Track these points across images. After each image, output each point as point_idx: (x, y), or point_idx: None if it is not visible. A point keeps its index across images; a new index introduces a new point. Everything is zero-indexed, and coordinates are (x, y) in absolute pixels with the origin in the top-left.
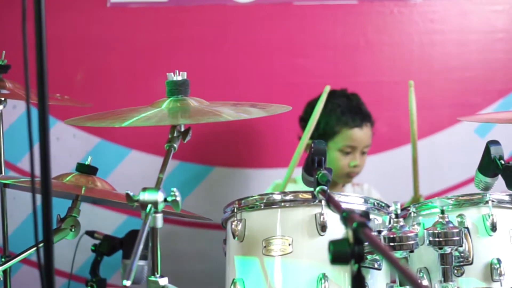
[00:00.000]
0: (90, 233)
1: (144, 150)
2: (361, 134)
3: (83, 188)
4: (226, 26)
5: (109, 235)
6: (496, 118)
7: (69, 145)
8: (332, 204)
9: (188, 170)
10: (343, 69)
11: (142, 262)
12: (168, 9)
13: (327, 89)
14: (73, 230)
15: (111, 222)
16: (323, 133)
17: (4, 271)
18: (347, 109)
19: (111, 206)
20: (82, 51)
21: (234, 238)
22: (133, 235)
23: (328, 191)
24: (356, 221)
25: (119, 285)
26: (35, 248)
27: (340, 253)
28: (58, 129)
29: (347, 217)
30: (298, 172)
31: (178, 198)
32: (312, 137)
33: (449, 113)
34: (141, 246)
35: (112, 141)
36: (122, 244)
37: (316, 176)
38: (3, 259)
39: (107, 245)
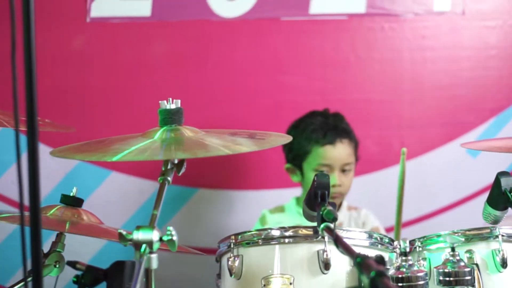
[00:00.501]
0: (72, 264)
1: (125, 171)
2: (334, 151)
3: (67, 224)
4: (211, 42)
5: (92, 266)
6: (497, 147)
7: (47, 166)
8: (341, 245)
9: (171, 192)
10: (332, 87)
11: None
12: (151, 25)
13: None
14: (57, 266)
15: (91, 248)
16: (296, 154)
17: None
18: (319, 126)
19: None
20: (62, 68)
21: (231, 275)
22: (117, 266)
23: (335, 229)
24: (374, 270)
25: None
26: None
27: None
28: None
29: (362, 263)
30: (286, 199)
31: (175, 238)
32: (287, 159)
33: (440, 132)
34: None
35: (92, 162)
36: (106, 276)
37: (321, 213)
38: None
39: (90, 277)
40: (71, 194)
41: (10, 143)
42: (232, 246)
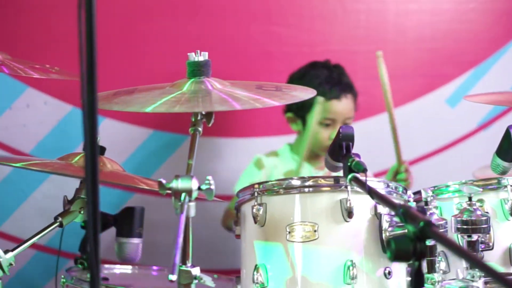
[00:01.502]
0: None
1: (117, 118)
2: (339, 106)
3: None
4: None
5: (101, 211)
6: (506, 101)
7: (40, 112)
8: (377, 196)
9: (161, 138)
10: (319, 38)
11: (136, 240)
12: None
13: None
14: (82, 212)
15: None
16: (301, 105)
17: None
18: (325, 80)
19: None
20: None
21: (255, 223)
22: (127, 212)
23: (364, 179)
24: (422, 220)
25: (111, 259)
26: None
27: (403, 251)
28: (28, 96)
29: (406, 213)
30: (274, 147)
31: (213, 187)
32: (289, 110)
33: (421, 83)
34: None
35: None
36: (116, 222)
37: (349, 164)
38: None
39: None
40: None
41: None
42: (255, 194)
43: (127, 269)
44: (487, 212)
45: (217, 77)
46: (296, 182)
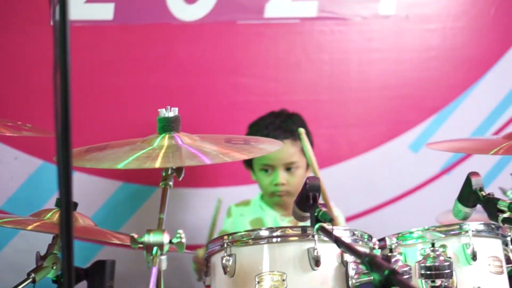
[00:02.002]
0: None
1: (86, 172)
2: (275, 152)
3: None
4: (172, 44)
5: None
6: (467, 148)
7: (11, 167)
8: (343, 245)
9: (131, 190)
10: (284, 87)
11: None
12: (113, 28)
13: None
14: (54, 267)
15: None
16: None
17: None
18: (264, 127)
19: None
20: (27, 71)
21: (225, 273)
22: (98, 266)
23: (330, 229)
24: (387, 268)
25: None
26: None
27: None
28: None
29: (372, 262)
30: (241, 196)
31: (183, 240)
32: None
33: (385, 130)
34: None
35: (54, 163)
36: (87, 275)
37: (316, 214)
38: None
39: None
40: None
41: None
42: (225, 245)
43: None
44: (449, 257)
45: (188, 130)
46: (264, 233)
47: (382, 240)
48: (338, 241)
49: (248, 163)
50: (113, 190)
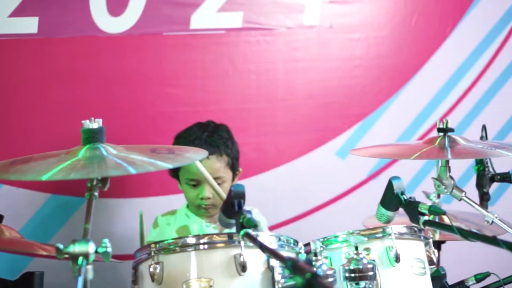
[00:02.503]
0: None
1: (14, 185)
2: (201, 167)
3: None
4: (98, 57)
5: (0, 277)
6: (388, 153)
7: None
8: (267, 250)
9: (59, 202)
10: (212, 97)
11: None
12: (38, 41)
13: (140, 212)
14: None
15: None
16: (174, 168)
17: None
18: (189, 141)
19: None
20: None
21: (152, 281)
22: (27, 278)
23: (255, 235)
24: (308, 271)
25: None
26: None
27: None
28: None
29: (294, 266)
30: (178, 203)
31: (109, 249)
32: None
33: (312, 137)
34: None
35: None
36: (16, 287)
37: (241, 220)
38: None
39: None
40: None
41: None
42: (152, 253)
43: None
44: (373, 260)
45: (115, 142)
46: (191, 240)
47: (307, 245)
48: (262, 247)
49: (174, 175)
50: (41, 202)
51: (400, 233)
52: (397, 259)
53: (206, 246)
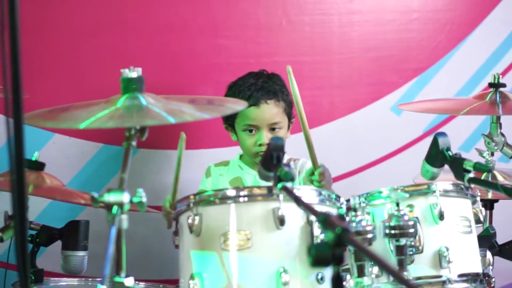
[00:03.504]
0: None
1: (67, 134)
2: (258, 112)
3: (31, 187)
4: (150, 7)
5: (46, 225)
6: (437, 109)
7: None
8: (302, 204)
9: (112, 152)
10: (265, 49)
11: (82, 253)
12: None
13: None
14: None
15: (35, 207)
16: (228, 115)
17: None
18: (246, 87)
19: None
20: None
21: (190, 232)
22: (72, 226)
23: (293, 189)
24: (339, 226)
25: (57, 272)
26: None
27: (322, 257)
28: None
29: (326, 220)
30: (226, 157)
31: (144, 199)
32: (223, 120)
33: (367, 92)
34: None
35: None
36: (61, 235)
37: (278, 174)
38: None
39: (45, 236)
40: (33, 159)
41: None
42: (191, 205)
43: (73, 281)
44: (415, 217)
45: (166, 93)
46: (231, 192)
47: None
48: (298, 200)
49: (230, 124)
50: (94, 152)
51: (446, 190)
52: (441, 216)
53: (246, 199)
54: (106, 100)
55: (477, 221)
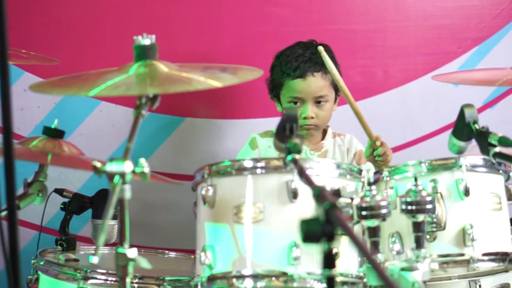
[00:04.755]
0: (59, 191)
1: (114, 101)
2: (304, 85)
3: (49, 156)
4: None
5: (78, 193)
6: (473, 79)
7: (38, 96)
8: (304, 177)
9: (158, 121)
10: (317, 17)
11: (112, 222)
12: None
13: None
14: (40, 195)
15: (81, 175)
16: (274, 86)
17: None
18: (293, 59)
19: None
20: (48, 3)
21: (204, 204)
22: (102, 194)
23: (300, 161)
24: (327, 201)
25: (88, 236)
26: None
27: (312, 233)
28: (26, 80)
29: (318, 194)
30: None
31: (146, 170)
32: (270, 92)
33: (423, 61)
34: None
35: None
36: (92, 203)
37: (287, 145)
38: None
39: (76, 204)
40: (53, 126)
41: None
42: (206, 176)
43: (103, 250)
44: (436, 193)
45: (211, 61)
46: (248, 164)
47: (377, 173)
48: (300, 172)
49: (275, 95)
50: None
51: (474, 166)
52: (467, 192)
53: (263, 170)
54: (119, 68)
55: (510, 197)
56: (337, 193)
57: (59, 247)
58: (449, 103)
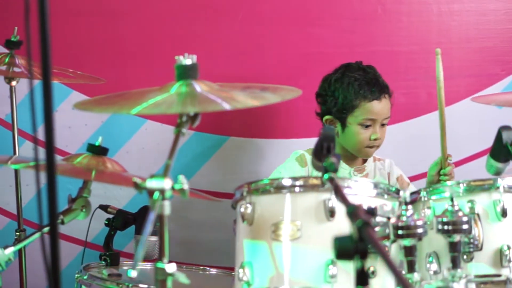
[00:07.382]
0: (104, 208)
1: (159, 120)
2: (380, 107)
3: (93, 173)
4: None
5: (122, 209)
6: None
7: (85, 114)
8: (339, 195)
9: (202, 140)
10: (360, 39)
11: (154, 238)
12: None
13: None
14: (83, 210)
15: (124, 195)
16: (342, 108)
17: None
18: (364, 81)
19: None
20: (95, 22)
21: (243, 221)
22: (145, 210)
23: (336, 180)
24: (360, 219)
25: (133, 253)
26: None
27: (345, 250)
28: (74, 99)
29: (352, 212)
30: None
31: (185, 186)
32: (330, 113)
33: (467, 84)
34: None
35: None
36: (135, 220)
37: (324, 164)
38: (17, 233)
39: (120, 220)
40: (97, 143)
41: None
42: (245, 194)
43: (146, 265)
44: (473, 214)
45: (257, 81)
46: (287, 182)
47: (414, 193)
48: (336, 191)
49: (338, 117)
50: (185, 138)
51: (510, 186)
52: (504, 213)
53: (301, 189)
54: (160, 87)
55: None
56: (371, 212)
57: (103, 262)
58: (492, 125)
